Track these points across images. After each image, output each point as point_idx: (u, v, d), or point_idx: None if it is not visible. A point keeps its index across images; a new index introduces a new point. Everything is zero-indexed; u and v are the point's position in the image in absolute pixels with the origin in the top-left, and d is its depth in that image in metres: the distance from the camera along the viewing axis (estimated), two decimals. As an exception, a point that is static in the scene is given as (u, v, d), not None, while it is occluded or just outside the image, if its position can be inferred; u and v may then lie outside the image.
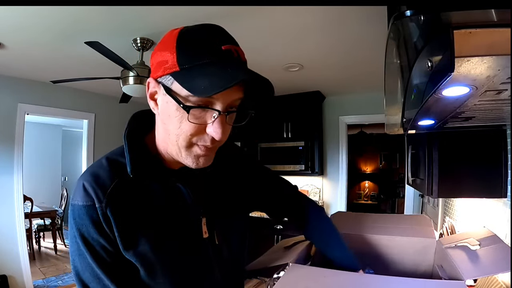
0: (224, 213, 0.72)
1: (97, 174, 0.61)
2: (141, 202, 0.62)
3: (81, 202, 0.59)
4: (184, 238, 0.65)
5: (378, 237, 1.04)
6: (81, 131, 3.64)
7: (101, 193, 0.58)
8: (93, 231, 0.58)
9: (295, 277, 0.70)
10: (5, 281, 2.72)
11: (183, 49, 0.53)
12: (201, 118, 0.55)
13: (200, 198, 0.67)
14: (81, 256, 0.59)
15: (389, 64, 0.82)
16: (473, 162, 1.07)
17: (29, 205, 4.16)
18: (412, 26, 0.56)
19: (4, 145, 2.79)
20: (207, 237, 0.67)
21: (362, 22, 1.74)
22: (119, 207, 0.59)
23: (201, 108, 0.54)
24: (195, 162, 0.60)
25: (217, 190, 0.72)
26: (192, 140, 0.57)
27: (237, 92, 0.56)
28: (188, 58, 0.52)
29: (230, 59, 0.54)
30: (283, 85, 3.10)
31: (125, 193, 0.60)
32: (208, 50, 0.53)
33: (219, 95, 0.52)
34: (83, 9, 1.57)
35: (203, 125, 0.56)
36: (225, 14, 1.62)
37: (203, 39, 0.54)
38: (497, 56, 0.40)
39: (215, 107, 0.54)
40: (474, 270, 0.70)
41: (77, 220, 0.58)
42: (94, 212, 0.58)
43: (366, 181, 6.94)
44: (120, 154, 0.64)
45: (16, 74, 2.76)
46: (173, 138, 0.58)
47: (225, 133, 0.57)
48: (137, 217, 0.61)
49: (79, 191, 0.59)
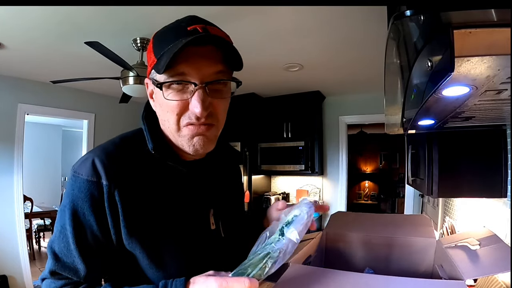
0: (227, 205, 0.74)
1: (110, 151, 0.60)
2: (152, 186, 0.61)
3: (85, 176, 0.57)
4: (193, 228, 0.65)
5: (378, 237, 1.04)
6: (81, 131, 3.63)
7: (112, 171, 0.57)
8: (87, 208, 0.56)
9: (295, 277, 0.70)
10: (5, 281, 2.72)
11: (157, 42, 0.58)
12: (180, 94, 0.56)
13: (208, 190, 0.69)
14: (63, 229, 0.57)
15: (389, 64, 0.82)
16: (473, 162, 1.07)
17: (29, 205, 4.16)
18: (412, 26, 0.56)
19: (4, 145, 2.79)
20: (214, 228, 0.69)
21: (362, 22, 1.74)
22: (129, 189, 0.58)
23: (174, 83, 0.55)
24: (191, 145, 0.60)
25: (223, 184, 0.75)
26: (180, 122, 0.58)
27: (211, 63, 0.56)
28: (160, 47, 0.56)
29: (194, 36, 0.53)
30: (283, 85, 3.10)
31: (137, 175, 0.60)
32: (174, 35, 0.55)
33: (187, 68, 0.54)
34: (83, 9, 1.57)
35: (185, 102, 0.56)
36: (225, 14, 1.62)
37: (172, 28, 0.57)
38: (497, 56, 0.40)
39: (190, 81, 0.55)
40: (474, 270, 0.70)
41: (75, 192, 0.57)
42: (96, 190, 0.56)
43: (366, 181, 6.95)
44: (135, 135, 0.65)
45: (16, 74, 2.75)
46: (167, 125, 0.60)
47: (207, 107, 0.56)
48: (147, 202, 0.60)
49: (87, 165, 0.57)
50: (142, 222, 0.59)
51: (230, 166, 0.83)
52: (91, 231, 0.57)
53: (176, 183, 0.64)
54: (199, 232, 0.66)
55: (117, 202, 0.57)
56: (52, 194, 5.92)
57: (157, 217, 0.60)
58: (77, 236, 0.56)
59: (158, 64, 0.55)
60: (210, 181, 0.71)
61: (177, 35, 0.55)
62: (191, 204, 0.66)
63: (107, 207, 0.57)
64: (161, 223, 0.60)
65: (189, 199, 0.65)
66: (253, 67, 2.51)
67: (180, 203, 0.64)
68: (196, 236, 0.65)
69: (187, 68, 0.54)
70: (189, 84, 0.55)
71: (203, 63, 0.55)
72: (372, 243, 1.04)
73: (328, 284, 0.67)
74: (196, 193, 0.67)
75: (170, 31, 0.57)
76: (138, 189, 0.59)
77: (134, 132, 0.66)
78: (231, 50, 0.56)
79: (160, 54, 0.55)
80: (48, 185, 5.95)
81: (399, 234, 1.03)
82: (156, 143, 0.61)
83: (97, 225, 0.57)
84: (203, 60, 0.55)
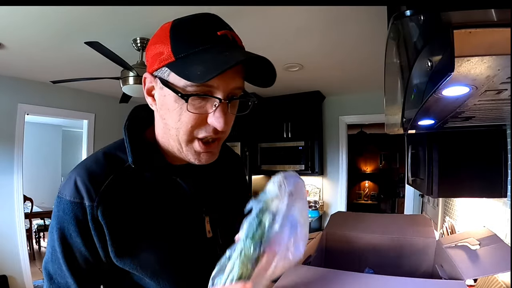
0: (226, 211, 0.70)
1: (91, 170, 0.57)
2: (139, 200, 0.58)
3: (68, 197, 0.55)
4: (187, 238, 0.62)
5: (378, 237, 1.04)
6: (81, 131, 3.64)
7: (94, 191, 0.55)
8: (73, 229, 0.55)
9: (295, 277, 0.70)
10: (5, 281, 2.72)
11: (177, 38, 0.51)
12: (201, 107, 0.53)
13: (203, 196, 0.65)
14: (53, 250, 0.57)
15: (389, 64, 0.82)
16: (473, 162, 1.07)
17: (29, 205, 4.16)
18: (412, 26, 0.56)
19: (4, 145, 2.79)
20: (211, 236, 0.65)
21: (362, 22, 1.74)
22: (113, 208, 0.56)
23: (200, 96, 0.51)
24: (197, 158, 0.58)
25: (219, 188, 0.70)
26: (193, 133, 0.55)
27: (236, 79, 0.53)
28: (183, 46, 0.51)
29: (226, 44, 0.52)
30: (283, 85, 3.10)
31: (121, 191, 0.57)
32: (203, 36, 0.51)
33: (218, 82, 0.50)
34: (83, 9, 1.57)
35: (204, 115, 0.53)
36: (225, 14, 1.61)
37: (197, 26, 0.52)
38: (497, 56, 0.40)
39: (215, 95, 0.52)
40: (474, 270, 0.70)
41: (60, 213, 0.56)
42: (79, 211, 0.55)
43: (366, 181, 6.95)
44: (117, 148, 0.61)
45: (16, 74, 2.75)
46: (173, 132, 0.56)
47: (228, 122, 0.55)
48: (134, 218, 0.57)
49: (69, 186, 0.56)
50: (130, 240, 0.57)
51: (230, 168, 0.79)
52: (79, 252, 0.56)
53: (165, 193, 0.61)
54: (193, 242, 0.63)
55: (102, 222, 0.55)
56: (52, 194, 5.88)
57: (145, 232, 0.58)
58: (67, 257, 0.56)
59: (183, 68, 0.50)
60: (205, 186, 0.67)
61: (206, 39, 0.51)
62: (183, 213, 0.62)
63: (92, 227, 0.55)
64: (150, 237, 0.58)
65: (180, 207, 0.62)
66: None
67: (170, 213, 0.61)
68: (190, 246, 0.62)
69: (217, 81, 0.50)
70: (214, 98, 0.52)
71: (232, 76, 0.52)
72: (372, 243, 1.04)
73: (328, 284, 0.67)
74: (188, 200, 0.63)
75: (195, 31, 0.52)
76: (123, 206, 0.57)
77: (118, 144, 0.62)
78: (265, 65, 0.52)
79: (182, 55, 0.50)
80: (48, 185, 5.95)
81: (399, 234, 1.03)
82: (137, 156, 0.58)
83: (85, 246, 0.56)
84: (233, 73, 0.52)
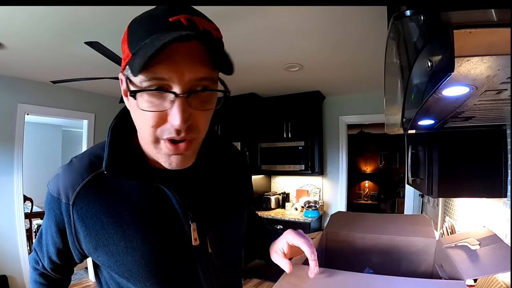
0: (219, 217, 0.65)
1: (73, 168, 0.58)
2: (113, 204, 0.56)
3: (51, 191, 0.58)
4: (166, 245, 0.58)
5: (378, 237, 1.04)
6: (81, 131, 3.63)
7: (71, 191, 0.56)
8: (52, 219, 0.59)
9: (295, 277, 0.70)
10: (5, 281, 2.72)
11: (132, 34, 0.49)
12: (159, 104, 0.47)
13: (189, 202, 0.60)
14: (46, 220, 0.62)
15: (389, 64, 0.82)
16: (473, 162, 1.07)
17: (29, 205, 4.16)
18: (412, 26, 0.56)
19: (4, 145, 2.79)
20: (198, 244, 0.60)
21: (362, 22, 1.74)
22: (86, 209, 0.56)
23: (151, 91, 0.46)
24: (167, 161, 0.52)
25: (212, 192, 0.65)
26: (156, 134, 0.49)
27: (196, 68, 0.46)
28: (136, 41, 0.47)
29: (179, 30, 0.45)
30: (283, 85, 3.10)
31: (96, 193, 0.56)
32: (153, 27, 0.46)
33: (168, 73, 0.45)
34: (83, 9, 1.57)
35: (163, 113, 0.48)
36: (225, 14, 1.62)
37: (149, 19, 0.48)
38: (497, 56, 0.40)
39: (171, 90, 0.46)
40: (474, 270, 0.70)
41: (47, 202, 0.60)
42: (57, 206, 0.58)
43: (366, 181, 6.95)
44: (103, 148, 0.58)
45: (16, 74, 2.75)
46: (141, 133, 0.54)
47: (188, 119, 0.48)
48: (106, 221, 0.55)
49: (54, 180, 0.59)
50: (101, 241, 0.56)
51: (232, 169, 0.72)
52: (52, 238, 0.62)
53: (142, 198, 0.57)
54: (175, 251, 0.58)
55: (76, 221, 0.56)
56: (52, 194, 5.91)
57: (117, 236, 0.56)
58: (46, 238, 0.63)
59: (132, 62, 0.46)
60: (195, 190, 0.61)
61: (156, 27, 0.46)
62: (162, 219, 0.58)
63: (67, 224, 0.58)
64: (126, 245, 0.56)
65: (159, 213, 0.58)
66: (253, 67, 2.51)
67: (149, 220, 0.57)
68: (170, 255, 0.58)
69: (167, 71, 0.45)
70: (169, 94, 0.46)
71: (187, 65, 0.45)
72: (372, 243, 1.04)
73: (328, 284, 0.67)
74: (169, 206, 0.58)
75: (147, 20, 0.48)
76: (96, 209, 0.56)
77: (103, 145, 0.60)
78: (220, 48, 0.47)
79: (136, 49, 0.46)
80: (48, 185, 5.95)
81: (399, 234, 1.03)
82: (112, 160, 0.55)
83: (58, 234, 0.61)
84: (187, 61, 0.45)
